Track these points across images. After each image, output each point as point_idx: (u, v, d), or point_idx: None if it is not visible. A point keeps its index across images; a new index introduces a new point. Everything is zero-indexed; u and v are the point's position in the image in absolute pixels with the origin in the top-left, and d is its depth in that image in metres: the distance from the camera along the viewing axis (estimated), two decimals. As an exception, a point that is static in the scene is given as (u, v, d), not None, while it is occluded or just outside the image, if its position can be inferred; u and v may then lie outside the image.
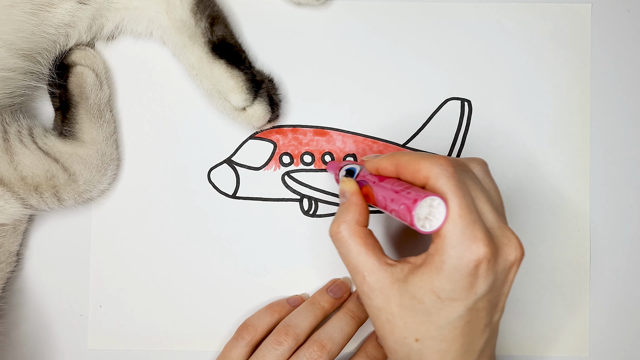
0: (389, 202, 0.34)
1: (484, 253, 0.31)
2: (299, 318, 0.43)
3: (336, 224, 0.36)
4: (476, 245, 0.31)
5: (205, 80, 0.44)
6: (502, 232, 0.33)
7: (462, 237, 0.31)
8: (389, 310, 0.34)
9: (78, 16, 0.43)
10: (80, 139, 0.44)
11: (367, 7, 0.48)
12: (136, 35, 0.46)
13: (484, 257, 0.31)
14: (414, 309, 0.33)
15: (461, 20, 0.48)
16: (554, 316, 0.47)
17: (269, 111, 0.45)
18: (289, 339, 0.42)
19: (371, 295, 0.35)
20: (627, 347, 0.47)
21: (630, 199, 0.48)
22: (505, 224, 0.34)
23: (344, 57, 0.48)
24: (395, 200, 0.33)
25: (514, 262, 0.34)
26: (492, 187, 0.36)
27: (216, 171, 0.47)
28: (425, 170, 0.33)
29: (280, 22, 0.48)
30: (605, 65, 0.48)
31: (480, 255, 0.31)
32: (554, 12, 0.48)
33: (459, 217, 0.31)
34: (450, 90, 0.48)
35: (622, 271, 0.48)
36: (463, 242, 0.31)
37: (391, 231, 0.47)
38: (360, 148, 0.47)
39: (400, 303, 0.34)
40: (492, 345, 0.36)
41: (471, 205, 0.32)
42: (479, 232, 0.32)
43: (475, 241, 0.31)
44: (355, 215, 0.36)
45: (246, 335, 0.43)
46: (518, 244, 0.34)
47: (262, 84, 0.45)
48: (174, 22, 0.44)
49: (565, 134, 0.48)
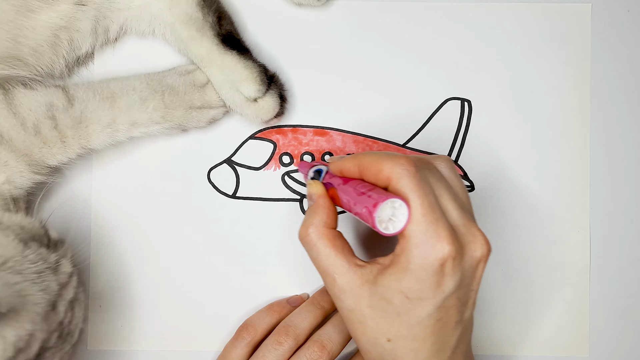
0: (353, 205, 0.34)
1: (448, 251, 0.31)
2: (299, 318, 0.43)
3: (304, 227, 0.37)
4: (440, 243, 0.31)
5: (217, 71, 0.44)
6: (468, 229, 0.33)
7: (425, 237, 0.31)
8: (360, 312, 0.34)
9: (77, 18, 0.43)
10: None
11: (367, 7, 0.48)
12: (139, 34, 0.46)
13: (448, 256, 0.32)
14: (384, 310, 0.33)
15: (461, 20, 0.48)
16: (554, 316, 0.47)
17: (278, 104, 0.45)
18: (289, 339, 0.42)
19: (342, 297, 0.35)
20: (627, 347, 0.47)
21: (630, 199, 0.48)
22: (471, 220, 0.34)
23: (344, 56, 0.48)
24: (358, 203, 0.33)
25: (480, 258, 0.34)
26: (457, 184, 0.36)
27: (216, 171, 0.47)
28: (386, 171, 0.33)
29: (280, 22, 0.48)
30: (605, 65, 0.48)
31: (445, 253, 0.31)
32: (554, 12, 0.48)
33: (422, 216, 0.31)
34: (450, 90, 0.48)
35: (622, 271, 0.48)
36: (427, 242, 0.31)
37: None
38: (360, 148, 0.47)
39: (370, 304, 0.34)
40: (466, 341, 0.36)
41: (434, 204, 0.32)
42: (443, 231, 0.32)
43: (439, 240, 0.31)
44: (323, 217, 0.37)
45: (246, 336, 0.43)
46: (484, 240, 0.34)
47: (274, 77, 0.45)
48: (179, 17, 0.44)
49: (565, 134, 0.48)
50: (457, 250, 0.32)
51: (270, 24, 0.48)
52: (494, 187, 0.48)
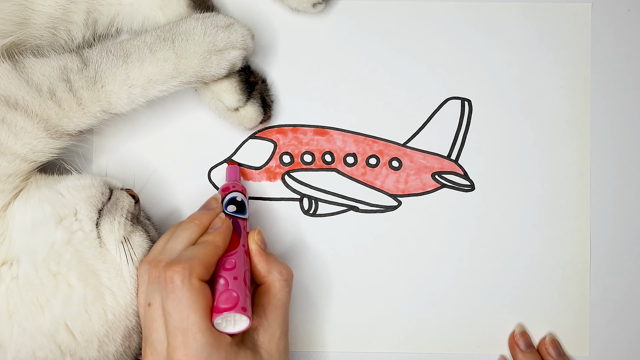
0: (231, 270, 0.38)
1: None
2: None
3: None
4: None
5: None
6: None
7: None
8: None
9: (71, 10, 0.43)
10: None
11: (367, 7, 0.48)
12: (133, 33, 0.46)
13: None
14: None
15: (461, 20, 0.48)
16: (554, 316, 0.47)
17: (261, 113, 0.45)
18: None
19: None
20: (627, 346, 0.47)
21: (631, 199, 0.48)
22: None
23: (344, 56, 0.48)
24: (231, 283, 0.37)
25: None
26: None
27: (216, 171, 0.47)
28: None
29: (280, 22, 0.48)
30: (605, 65, 0.48)
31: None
32: (554, 12, 0.48)
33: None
34: (450, 89, 0.48)
35: (622, 271, 0.48)
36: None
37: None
38: (360, 147, 0.47)
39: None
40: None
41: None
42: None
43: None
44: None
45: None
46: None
47: (255, 85, 0.45)
48: (170, 18, 0.44)
49: (565, 134, 0.48)
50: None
51: (269, 22, 0.48)
52: (494, 186, 0.48)
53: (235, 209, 0.41)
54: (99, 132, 0.46)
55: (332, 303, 0.47)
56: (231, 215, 0.41)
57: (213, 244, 0.38)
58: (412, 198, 0.47)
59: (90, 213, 0.39)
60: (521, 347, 0.46)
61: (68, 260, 0.37)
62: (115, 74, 0.40)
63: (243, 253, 0.39)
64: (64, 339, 0.37)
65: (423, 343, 0.47)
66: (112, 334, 0.38)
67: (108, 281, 0.38)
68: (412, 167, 0.48)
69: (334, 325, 0.47)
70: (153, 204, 0.47)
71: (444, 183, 0.47)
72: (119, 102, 0.41)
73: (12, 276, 0.37)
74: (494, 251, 0.47)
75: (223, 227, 0.39)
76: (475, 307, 0.47)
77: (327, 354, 0.47)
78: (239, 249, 0.39)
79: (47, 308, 0.36)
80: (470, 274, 0.47)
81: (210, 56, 0.42)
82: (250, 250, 0.40)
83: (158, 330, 0.36)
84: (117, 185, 0.42)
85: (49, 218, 0.38)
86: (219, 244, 0.38)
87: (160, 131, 0.47)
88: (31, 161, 0.40)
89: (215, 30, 0.42)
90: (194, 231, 0.39)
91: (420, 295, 0.47)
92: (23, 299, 0.36)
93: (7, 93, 0.38)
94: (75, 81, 0.40)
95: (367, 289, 0.47)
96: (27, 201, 0.39)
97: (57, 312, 0.37)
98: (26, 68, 0.39)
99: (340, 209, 0.47)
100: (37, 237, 0.38)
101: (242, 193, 0.43)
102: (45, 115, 0.39)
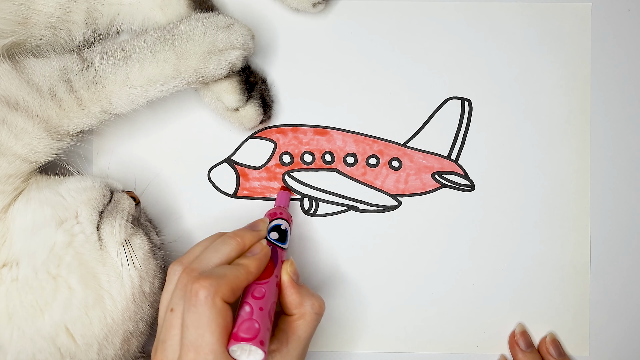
0: (260, 297, 0.37)
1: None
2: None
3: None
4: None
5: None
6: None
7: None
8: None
9: (71, 9, 0.43)
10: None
11: (367, 7, 0.48)
12: (134, 33, 0.46)
13: None
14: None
15: (461, 20, 0.48)
16: (554, 316, 0.47)
17: (261, 113, 0.45)
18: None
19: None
20: (627, 346, 0.47)
21: (631, 199, 0.48)
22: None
23: (344, 56, 0.48)
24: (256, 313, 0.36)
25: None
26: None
27: (216, 170, 0.47)
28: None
29: (281, 21, 0.48)
30: (605, 65, 0.48)
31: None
32: (554, 12, 0.48)
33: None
34: (450, 89, 0.48)
35: (622, 271, 0.48)
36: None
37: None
38: (360, 147, 0.47)
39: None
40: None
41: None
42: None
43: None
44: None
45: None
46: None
47: (255, 86, 0.45)
48: (170, 18, 0.44)
49: (565, 134, 0.48)
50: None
51: (269, 22, 0.48)
52: (494, 186, 0.48)
53: (277, 237, 0.41)
54: (100, 132, 0.46)
55: (332, 303, 0.47)
56: (272, 242, 0.41)
57: (247, 269, 0.37)
58: (412, 198, 0.47)
59: (92, 216, 0.39)
60: (521, 346, 0.46)
61: (69, 263, 0.37)
62: (116, 74, 0.40)
63: (275, 284, 0.38)
64: (64, 342, 0.37)
65: (423, 343, 0.47)
66: (112, 338, 0.38)
67: (108, 285, 0.38)
68: (412, 167, 0.48)
69: (334, 325, 0.47)
70: (153, 204, 0.47)
71: (444, 183, 0.47)
72: (120, 102, 0.41)
73: (12, 278, 0.37)
74: (494, 251, 0.47)
75: (261, 254, 0.39)
76: (476, 307, 0.47)
77: (327, 353, 0.47)
78: (271, 279, 0.38)
79: (47, 311, 0.37)
80: (471, 273, 0.47)
81: (211, 56, 0.42)
82: (282, 282, 0.39)
83: (174, 339, 0.35)
84: (117, 187, 0.42)
85: (49, 220, 0.38)
86: (253, 270, 0.37)
87: (160, 131, 0.47)
88: (31, 162, 0.40)
89: (215, 30, 0.42)
90: (234, 249, 0.39)
91: (420, 295, 0.47)
92: (22, 302, 0.36)
93: (7, 94, 0.38)
94: (75, 82, 0.40)
95: (367, 288, 0.47)
96: (28, 203, 0.39)
97: (57, 315, 0.37)
98: (26, 68, 0.39)
99: (341, 209, 0.47)
100: (37, 239, 0.38)
101: (287, 221, 0.43)
102: (46, 116, 0.39)
